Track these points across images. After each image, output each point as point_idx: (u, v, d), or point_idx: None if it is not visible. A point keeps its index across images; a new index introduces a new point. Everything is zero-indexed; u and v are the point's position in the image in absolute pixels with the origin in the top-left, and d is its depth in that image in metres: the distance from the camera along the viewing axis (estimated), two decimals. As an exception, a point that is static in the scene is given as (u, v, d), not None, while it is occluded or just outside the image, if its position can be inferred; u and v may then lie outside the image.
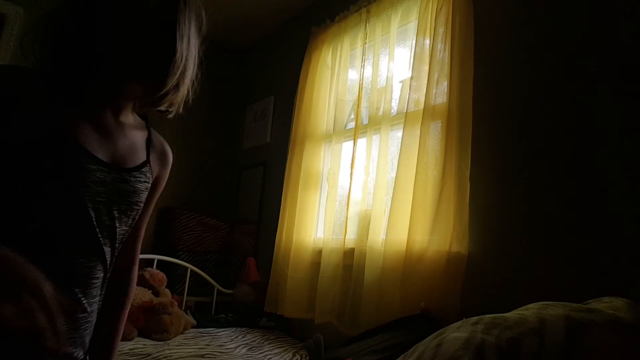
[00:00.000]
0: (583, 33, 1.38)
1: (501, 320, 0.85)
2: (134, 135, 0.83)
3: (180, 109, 0.84)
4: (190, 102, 0.85)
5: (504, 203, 1.48)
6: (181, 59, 0.73)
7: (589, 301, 0.97)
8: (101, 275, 0.78)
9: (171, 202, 3.03)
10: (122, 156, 0.79)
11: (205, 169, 3.30)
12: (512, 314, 0.88)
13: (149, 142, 0.87)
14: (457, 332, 0.85)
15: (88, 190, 0.71)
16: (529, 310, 0.88)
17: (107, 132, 0.76)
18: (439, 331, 0.93)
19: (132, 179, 0.80)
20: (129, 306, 0.97)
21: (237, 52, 3.53)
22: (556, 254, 1.31)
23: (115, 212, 0.77)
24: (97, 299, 0.79)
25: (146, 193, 0.86)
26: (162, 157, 0.92)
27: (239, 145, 3.29)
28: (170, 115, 0.85)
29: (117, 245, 0.81)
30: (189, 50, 0.76)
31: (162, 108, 0.81)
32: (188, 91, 0.82)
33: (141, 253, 1.02)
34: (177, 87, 0.76)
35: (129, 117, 0.84)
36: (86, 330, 0.77)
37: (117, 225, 0.79)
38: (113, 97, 0.77)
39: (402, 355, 0.95)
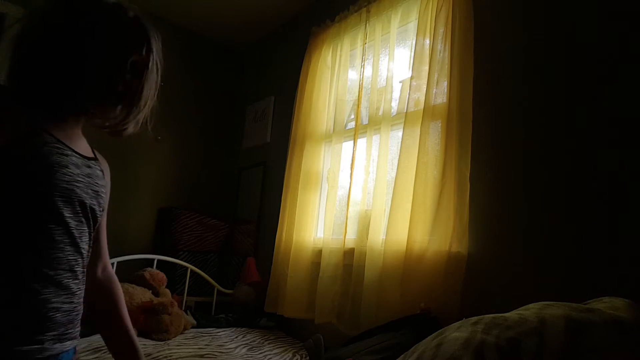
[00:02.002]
0: (583, 33, 1.38)
1: (501, 320, 0.85)
2: (86, 144, 0.95)
3: (135, 131, 0.97)
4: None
5: (504, 203, 1.48)
6: (144, 104, 0.90)
7: (589, 301, 0.97)
8: (80, 260, 0.84)
9: (171, 202, 3.03)
10: (82, 151, 0.89)
11: (205, 169, 3.30)
12: (512, 314, 0.88)
13: (94, 153, 0.99)
14: (457, 332, 0.85)
15: (70, 170, 0.81)
16: (529, 310, 0.88)
17: (69, 135, 0.86)
18: (439, 331, 0.93)
19: (93, 165, 0.90)
20: (123, 305, 1.03)
21: (237, 52, 3.53)
22: (556, 254, 1.31)
23: (93, 193, 0.86)
24: (82, 287, 0.86)
25: (105, 185, 0.95)
26: (107, 167, 1.02)
27: (239, 145, 3.29)
28: (127, 133, 0.96)
29: (93, 230, 0.89)
30: (150, 93, 0.91)
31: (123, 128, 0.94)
32: (146, 118, 0.95)
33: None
34: (136, 122, 0.92)
35: (80, 130, 0.95)
36: (78, 321, 0.85)
37: (97, 209, 0.88)
38: (78, 112, 0.88)
39: (402, 355, 0.95)
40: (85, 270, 0.87)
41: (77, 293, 0.83)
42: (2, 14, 2.47)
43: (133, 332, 1.02)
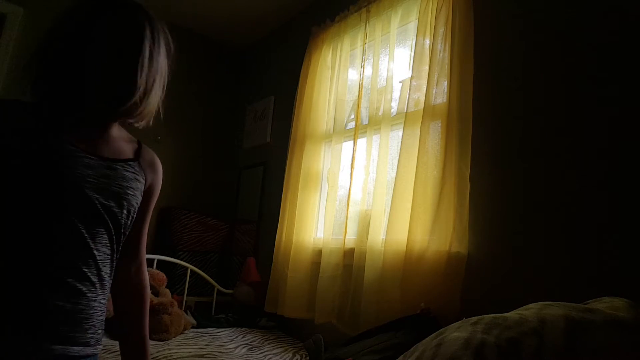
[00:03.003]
0: (583, 32, 1.38)
1: (501, 320, 0.85)
2: (120, 146, 0.92)
3: (150, 123, 0.93)
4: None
5: (504, 203, 1.48)
6: (145, 84, 0.84)
7: (589, 301, 0.97)
8: (92, 262, 0.82)
9: (171, 202, 3.03)
10: (106, 153, 0.88)
11: (205, 169, 3.30)
12: (512, 314, 0.88)
13: (137, 152, 0.96)
14: (457, 332, 0.85)
15: (78, 171, 0.80)
16: (529, 310, 0.88)
17: (90, 139, 0.86)
18: (439, 331, 0.93)
19: (117, 167, 0.88)
20: (146, 308, 1.02)
21: (237, 52, 3.53)
22: (556, 254, 1.31)
23: (109, 193, 0.84)
24: (96, 291, 0.83)
25: (138, 187, 0.92)
26: (153, 166, 1.00)
27: (239, 145, 3.30)
28: (140, 126, 0.93)
29: (120, 230, 0.88)
30: (155, 75, 0.87)
31: (133, 122, 0.91)
32: (158, 107, 0.92)
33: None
34: (141, 103, 0.86)
35: (115, 132, 0.93)
36: (93, 327, 0.83)
37: (117, 210, 0.85)
38: (96, 117, 0.87)
39: (402, 355, 0.95)
40: (105, 274, 0.85)
41: (87, 295, 0.81)
42: (2, 14, 2.47)
43: (148, 340, 1.01)
